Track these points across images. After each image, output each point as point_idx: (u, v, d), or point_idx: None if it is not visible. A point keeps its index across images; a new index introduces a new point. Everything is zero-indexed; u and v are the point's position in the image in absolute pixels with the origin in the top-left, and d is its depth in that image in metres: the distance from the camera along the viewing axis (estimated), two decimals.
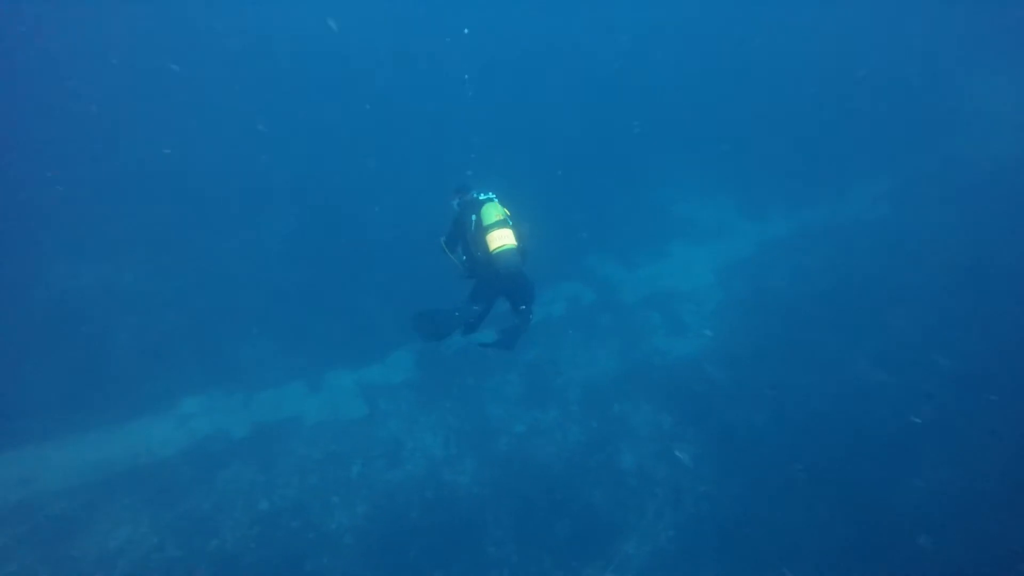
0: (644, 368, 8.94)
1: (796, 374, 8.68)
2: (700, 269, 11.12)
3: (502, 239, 5.24)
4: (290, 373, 8.77)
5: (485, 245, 5.28)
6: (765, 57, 16.29)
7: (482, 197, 5.65)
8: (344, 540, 6.60)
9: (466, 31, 14.71)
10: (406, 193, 11.64)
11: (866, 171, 13.39)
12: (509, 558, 6.62)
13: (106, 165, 11.74)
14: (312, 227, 11.34)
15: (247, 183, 11.95)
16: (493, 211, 5.40)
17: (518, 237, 5.38)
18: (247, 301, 9.79)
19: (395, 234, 10.90)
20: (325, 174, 12.50)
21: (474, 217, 5.48)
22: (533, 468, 7.48)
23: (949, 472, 7.20)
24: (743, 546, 6.68)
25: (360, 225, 11.39)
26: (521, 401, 8.45)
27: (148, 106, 13.09)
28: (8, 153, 11.46)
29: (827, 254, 11.15)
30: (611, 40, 16.81)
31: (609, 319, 9.88)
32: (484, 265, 5.35)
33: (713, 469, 7.53)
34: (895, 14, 17.00)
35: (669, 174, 13.63)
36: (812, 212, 12.50)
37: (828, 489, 7.09)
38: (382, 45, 15.74)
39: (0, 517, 6.93)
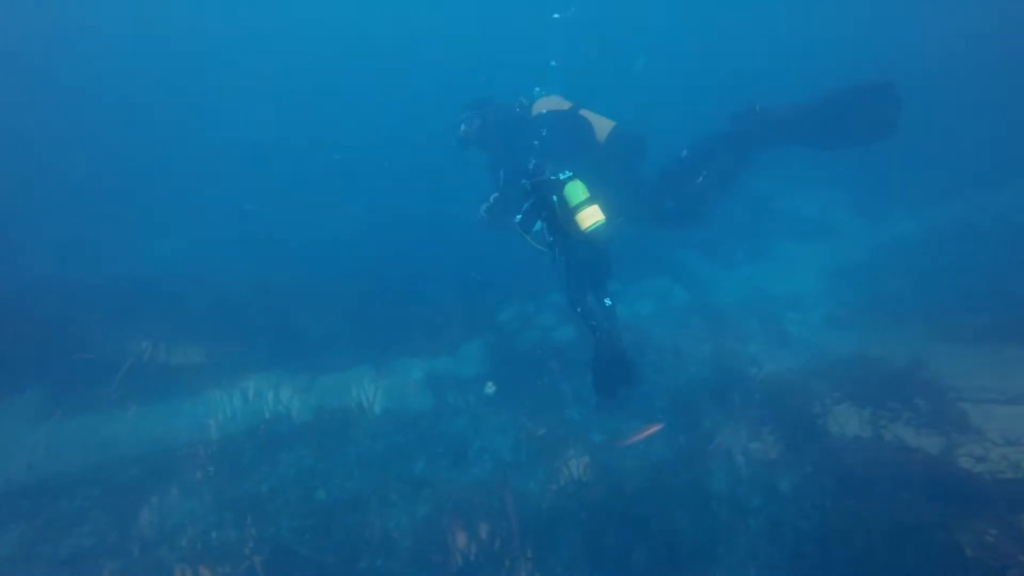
0: (740, 380, 7.90)
1: None
2: (806, 272, 9.88)
3: (594, 216, 5.23)
4: (357, 357, 8.45)
5: (577, 225, 5.23)
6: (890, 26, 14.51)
7: (563, 177, 5.43)
8: (402, 543, 6.15)
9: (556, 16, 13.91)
10: (481, 178, 11.11)
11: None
12: None
13: (186, 144, 12.05)
14: (385, 209, 11.10)
15: (324, 162, 11.92)
16: (578, 190, 5.26)
17: (605, 210, 5.30)
18: (318, 281, 9.64)
19: (470, 220, 10.39)
20: (400, 155, 12.28)
21: (556, 198, 5.33)
22: (610, 483, 6.73)
23: None
24: None
25: (433, 209, 11.03)
26: (601, 406, 7.69)
27: (229, 92, 13.37)
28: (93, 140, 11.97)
29: (961, 261, 9.59)
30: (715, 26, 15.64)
31: (701, 322, 8.90)
32: (578, 244, 5.42)
33: (818, 503, 6.49)
34: None
35: (771, 162, 12.30)
36: (943, 211, 10.85)
37: (958, 535, 5.90)
38: (461, 29, 15.37)
39: (78, 479, 7.01)
